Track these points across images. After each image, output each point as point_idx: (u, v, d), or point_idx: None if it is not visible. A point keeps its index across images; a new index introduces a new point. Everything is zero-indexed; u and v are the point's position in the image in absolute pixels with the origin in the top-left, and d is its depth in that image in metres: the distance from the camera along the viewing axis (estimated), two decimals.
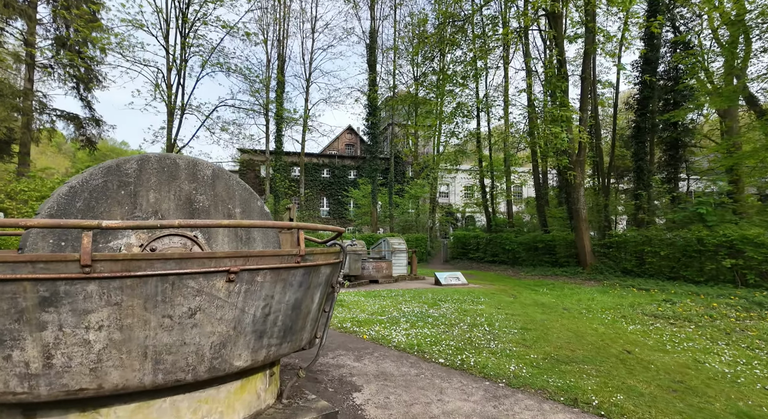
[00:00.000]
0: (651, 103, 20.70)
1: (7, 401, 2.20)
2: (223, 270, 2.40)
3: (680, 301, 9.78)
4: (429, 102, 34.17)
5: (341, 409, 3.52)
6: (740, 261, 12.92)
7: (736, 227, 14.00)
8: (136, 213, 2.73)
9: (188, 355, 2.44)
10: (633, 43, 17.66)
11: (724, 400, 3.78)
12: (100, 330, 2.20)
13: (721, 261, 13.32)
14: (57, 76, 30.28)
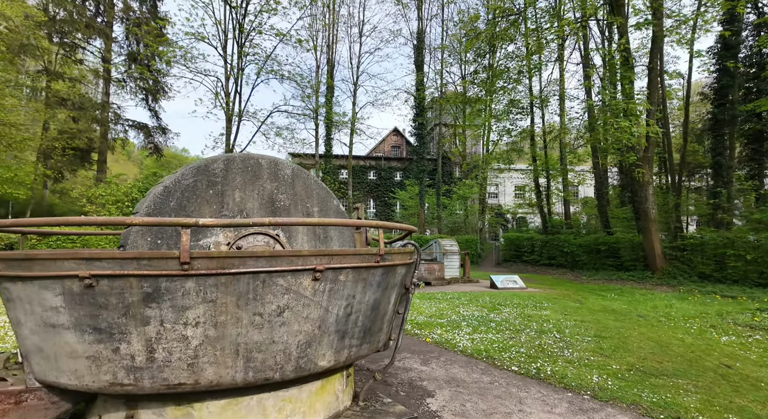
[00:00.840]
0: (731, 93, 18.88)
1: (115, 392, 2.29)
2: (310, 268, 2.36)
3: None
4: (478, 100, 33.48)
5: (417, 415, 3.40)
6: None
7: None
8: (224, 212, 2.78)
9: (276, 354, 2.43)
10: (710, 27, 16.12)
11: None
12: (196, 326, 2.23)
13: None
14: (129, 89, 32.77)
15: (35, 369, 2.49)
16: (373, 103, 63.03)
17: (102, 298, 2.18)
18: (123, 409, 2.63)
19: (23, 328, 2.44)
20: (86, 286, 2.16)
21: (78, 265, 2.15)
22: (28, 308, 2.34)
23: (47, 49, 30.70)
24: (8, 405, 2.46)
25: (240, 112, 29.82)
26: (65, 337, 2.28)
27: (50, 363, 2.38)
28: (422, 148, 39.71)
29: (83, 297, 2.20)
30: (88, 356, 2.27)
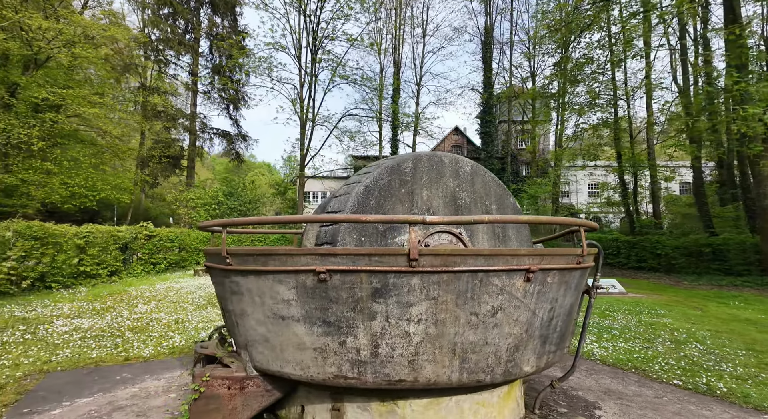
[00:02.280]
0: None
1: (338, 384, 2.39)
2: (523, 268, 2.32)
3: None
4: (551, 95, 31.97)
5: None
6: None
7: None
8: (414, 210, 2.83)
9: (489, 356, 2.41)
10: None
11: None
12: (418, 323, 2.27)
13: None
14: (213, 99, 35.28)
15: (257, 357, 2.68)
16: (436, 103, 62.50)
17: (333, 292, 2.29)
18: (328, 401, 2.76)
19: (248, 319, 2.64)
20: (320, 281, 2.28)
21: (314, 261, 2.28)
22: (258, 300, 2.53)
23: (146, 67, 34.07)
24: (235, 391, 2.68)
25: (314, 117, 30.98)
26: (294, 329, 2.42)
27: (275, 353, 2.55)
28: (490, 147, 38.69)
29: (315, 291, 2.32)
30: (315, 348, 2.40)
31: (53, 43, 20.76)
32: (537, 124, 37.63)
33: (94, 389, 4.19)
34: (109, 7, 26.63)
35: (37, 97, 21.03)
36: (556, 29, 20.50)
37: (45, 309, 8.79)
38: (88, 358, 5.22)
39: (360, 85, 32.87)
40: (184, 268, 20.97)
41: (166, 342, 6.02)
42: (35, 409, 3.68)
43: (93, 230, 14.34)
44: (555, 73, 25.00)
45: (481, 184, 3.01)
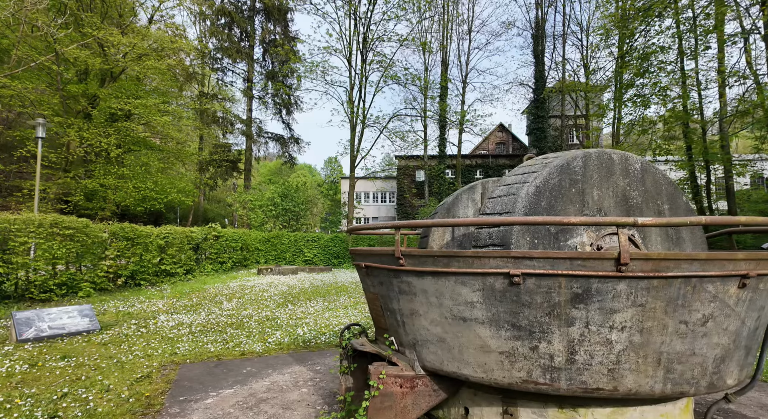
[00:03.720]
0: None
1: (527, 389, 2.32)
2: (740, 274, 2.15)
3: None
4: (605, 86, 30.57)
5: None
6: None
7: None
8: (585, 211, 2.73)
9: (694, 367, 2.26)
10: None
11: None
12: (622, 331, 2.16)
13: None
14: (267, 104, 36.48)
15: (427, 357, 2.68)
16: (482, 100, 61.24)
17: (526, 296, 2.23)
18: (497, 404, 2.71)
19: (420, 319, 2.64)
20: (511, 284, 2.23)
21: (506, 263, 2.23)
22: (435, 301, 2.52)
23: (204, 75, 35.84)
24: (406, 389, 2.69)
25: (364, 118, 31.30)
26: (477, 331, 2.39)
27: (452, 353, 2.54)
28: (542, 143, 37.41)
29: (505, 295, 2.28)
30: (501, 351, 2.36)
31: (128, 57, 22.27)
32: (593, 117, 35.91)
33: (229, 381, 4.40)
34: (171, 20, 28.19)
35: (113, 107, 22.65)
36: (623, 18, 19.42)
37: (142, 305, 9.42)
38: (208, 352, 5.50)
39: (408, 84, 32.87)
40: (247, 267, 21.83)
41: (270, 339, 6.25)
42: (189, 397, 3.92)
43: (171, 231, 15.24)
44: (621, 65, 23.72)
45: (651, 182, 2.85)
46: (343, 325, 7.31)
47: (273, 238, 24.04)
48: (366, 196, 47.41)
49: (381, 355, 2.92)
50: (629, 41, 22.74)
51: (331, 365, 5.03)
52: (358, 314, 8.40)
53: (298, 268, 19.13)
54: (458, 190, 4.08)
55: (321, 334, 6.60)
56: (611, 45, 27.45)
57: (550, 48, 39.28)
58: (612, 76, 29.11)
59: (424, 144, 36.69)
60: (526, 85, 41.29)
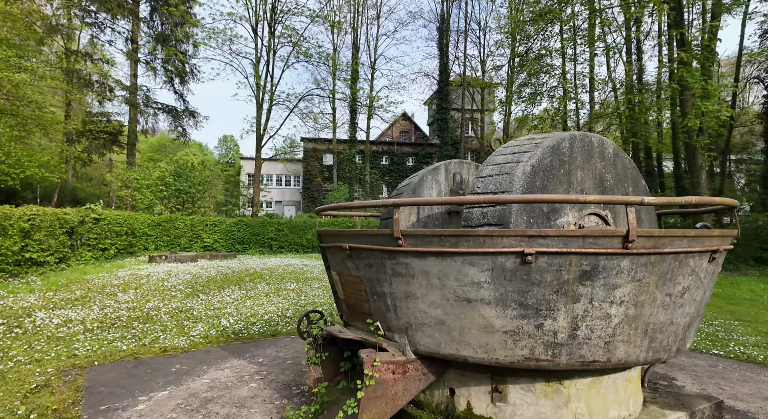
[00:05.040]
0: None
1: (527, 366, 2.34)
2: (712, 249, 2.39)
3: None
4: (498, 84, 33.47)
5: None
6: None
7: None
8: (570, 191, 2.80)
9: (670, 335, 2.48)
10: None
11: None
12: (620, 305, 2.27)
13: None
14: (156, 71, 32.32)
15: (421, 341, 2.55)
16: (390, 87, 62.48)
17: (537, 275, 2.21)
18: (486, 383, 2.70)
19: (416, 302, 2.49)
20: (523, 262, 2.19)
21: (520, 242, 2.18)
22: (437, 283, 2.38)
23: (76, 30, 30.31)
24: (398, 375, 2.54)
25: (272, 95, 29.55)
26: (482, 312, 2.32)
27: (451, 335, 2.44)
28: (445, 133, 39.46)
29: (515, 274, 2.23)
30: (506, 331, 2.32)
31: None
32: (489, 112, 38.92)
33: (159, 382, 3.78)
34: None
35: None
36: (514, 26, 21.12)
37: (6, 301, 7.72)
38: (119, 351, 4.67)
39: (319, 64, 31.82)
40: (134, 254, 19.45)
41: (193, 332, 5.55)
42: (113, 405, 3.25)
43: (38, 212, 12.76)
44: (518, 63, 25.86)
45: (621, 165, 3.05)
46: (273, 313, 6.84)
47: (165, 222, 21.64)
48: (269, 178, 45.27)
49: (368, 342, 2.71)
50: (526, 43, 24.84)
51: (275, 356, 4.63)
52: (284, 301, 7.94)
53: (198, 255, 17.52)
54: (421, 171, 3.98)
55: (251, 324, 6.07)
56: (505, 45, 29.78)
57: (454, 42, 41.21)
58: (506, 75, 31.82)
59: (333, 127, 36.09)
60: (431, 76, 42.94)
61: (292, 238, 23.41)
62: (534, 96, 24.48)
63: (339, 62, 35.29)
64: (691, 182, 18.48)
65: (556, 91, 25.16)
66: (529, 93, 24.51)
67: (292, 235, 23.43)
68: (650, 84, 20.56)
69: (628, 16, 17.85)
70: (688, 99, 15.52)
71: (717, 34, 14.74)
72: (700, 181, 17.38)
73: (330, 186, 36.90)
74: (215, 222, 22.91)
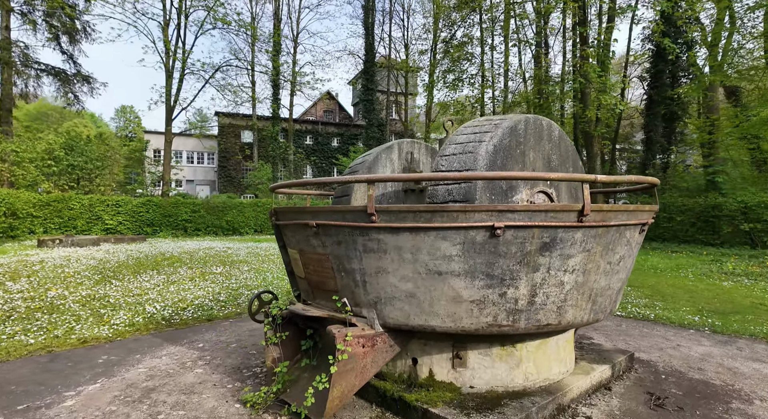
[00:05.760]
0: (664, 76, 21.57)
1: (489, 332, 2.53)
2: (642, 222, 2.74)
3: (727, 260, 10.90)
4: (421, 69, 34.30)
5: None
6: (757, 224, 14.23)
7: (753, 193, 15.33)
8: (524, 171, 2.98)
9: (606, 299, 2.82)
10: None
11: None
12: (572, 273, 2.53)
13: (739, 224, 14.63)
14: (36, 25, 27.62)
15: (390, 314, 2.60)
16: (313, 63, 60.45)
17: (503, 247, 2.36)
18: (448, 351, 2.85)
19: (387, 277, 2.52)
20: (492, 236, 2.33)
21: (490, 217, 2.31)
22: (409, 257, 2.43)
23: None
24: (368, 349, 2.57)
25: (184, 63, 26.95)
26: (452, 283, 2.43)
27: (421, 307, 2.52)
28: (372, 115, 39.50)
29: (484, 247, 2.36)
30: (473, 300, 2.46)
31: None
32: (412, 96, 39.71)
33: (86, 375, 3.39)
34: None
35: None
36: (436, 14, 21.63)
37: None
38: (25, 345, 4.09)
39: (239, 32, 29.63)
40: (16, 238, 17.05)
41: (115, 320, 5.03)
42: (33, 404, 2.86)
43: None
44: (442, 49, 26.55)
45: (564, 147, 3.32)
46: (203, 297, 6.45)
47: (56, 202, 19.07)
48: (179, 155, 41.76)
49: (335, 318, 2.69)
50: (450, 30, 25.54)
51: (217, 341, 4.40)
52: (213, 285, 7.51)
53: (101, 239, 15.75)
54: (375, 149, 3.97)
55: (182, 310, 5.66)
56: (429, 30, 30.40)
57: (380, 22, 41.00)
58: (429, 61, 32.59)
59: (253, 101, 34.14)
60: (356, 55, 42.38)
61: (210, 220, 21.97)
62: (455, 82, 25.42)
63: (260, 32, 33.17)
64: (589, 167, 20.81)
65: (476, 79, 26.42)
66: (452, 79, 25.34)
67: (210, 217, 21.98)
68: (557, 76, 22.52)
69: (538, 7, 19.25)
70: (588, 92, 17.32)
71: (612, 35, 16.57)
72: (595, 167, 19.65)
73: (251, 165, 35.04)
74: (119, 203, 20.68)
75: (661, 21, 19.23)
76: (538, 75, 19.98)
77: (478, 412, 2.55)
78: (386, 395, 2.86)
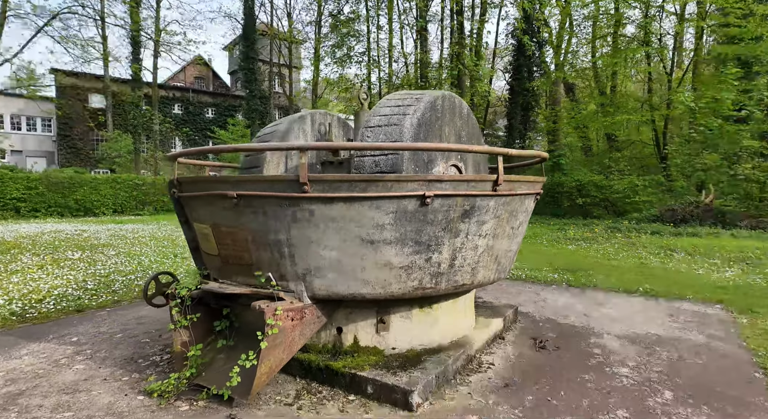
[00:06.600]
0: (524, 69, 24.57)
1: (415, 295, 2.71)
2: (536, 192, 3.16)
3: (568, 229, 13.19)
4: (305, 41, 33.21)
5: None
6: (587, 199, 17.49)
7: (584, 174, 18.72)
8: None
9: (508, 259, 3.21)
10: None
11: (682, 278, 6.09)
12: (485, 237, 2.82)
13: (575, 199, 17.79)
14: None
15: (319, 285, 2.58)
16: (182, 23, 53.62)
17: (432, 215, 2.51)
18: (372, 317, 2.96)
19: (317, 247, 2.50)
20: (422, 204, 2.46)
21: (421, 186, 2.42)
22: (339, 226, 2.44)
23: None
24: (296, 322, 2.53)
25: (5, 5, 21.40)
26: (383, 251, 2.51)
27: (352, 276, 2.55)
28: (253, 85, 36.92)
29: (415, 215, 2.48)
30: (402, 267, 2.57)
31: None
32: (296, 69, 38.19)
33: None
34: None
35: None
36: None
37: None
38: None
39: None
40: None
41: None
42: None
43: None
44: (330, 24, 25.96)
45: (472, 124, 3.58)
46: (65, 287, 5.48)
47: None
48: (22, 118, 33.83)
49: (260, 294, 2.55)
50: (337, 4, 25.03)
51: (96, 332, 3.81)
52: (75, 273, 6.41)
53: None
54: (286, 118, 3.78)
55: (37, 302, 4.72)
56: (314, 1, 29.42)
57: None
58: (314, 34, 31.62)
59: (104, 59, 28.96)
60: (233, 18, 38.84)
61: (52, 199, 18.33)
62: (344, 58, 25.24)
63: None
64: None
65: (363, 57, 26.57)
66: (340, 55, 25.07)
67: (52, 195, 18.33)
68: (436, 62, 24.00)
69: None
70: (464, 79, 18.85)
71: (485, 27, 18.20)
72: None
73: (105, 134, 29.95)
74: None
75: (522, 20, 21.78)
76: (423, 59, 20.97)
77: (402, 370, 2.72)
78: (311, 366, 2.85)
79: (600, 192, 17.36)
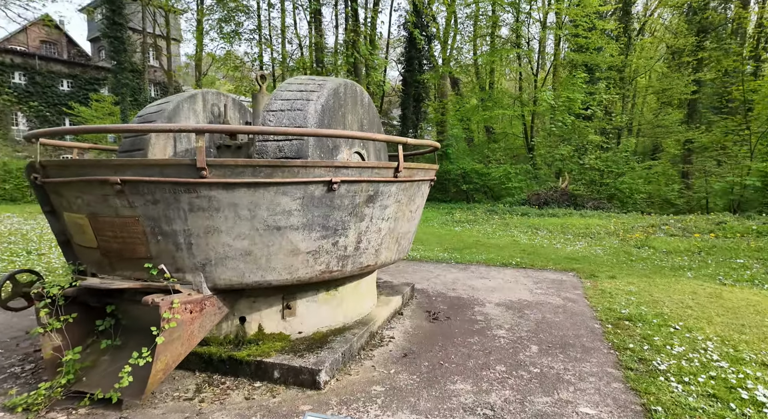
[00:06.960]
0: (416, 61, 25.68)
1: (322, 279, 2.80)
2: (430, 178, 3.43)
3: (455, 212, 14.39)
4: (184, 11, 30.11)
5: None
6: (470, 185, 19.23)
7: (467, 162, 20.50)
8: None
9: (407, 240, 3.44)
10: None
11: (545, 251, 7.15)
12: (387, 220, 3.00)
13: (460, 186, 19.42)
14: None
15: (223, 275, 2.49)
16: None
17: (338, 200, 2.59)
18: (278, 303, 2.95)
19: (221, 236, 2.40)
20: (329, 190, 2.52)
21: (328, 172, 2.47)
22: (246, 214, 2.37)
23: None
24: (196, 314, 2.42)
25: None
26: (290, 237, 2.51)
27: (258, 264, 2.50)
28: (122, 56, 32.17)
29: (322, 200, 2.53)
30: (309, 251, 2.61)
31: None
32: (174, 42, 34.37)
33: None
34: None
35: None
36: None
37: None
38: None
39: None
40: None
41: None
42: None
43: None
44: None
45: (372, 113, 3.67)
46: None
47: None
48: None
49: (152, 288, 2.36)
50: None
51: None
52: None
53: None
54: (173, 96, 3.46)
55: None
56: None
57: None
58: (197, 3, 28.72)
59: None
60: None
61: None
62: (232, 35, 23.46)
63: None
64: None
65: (254, 35, 24.99)
66: (227, 31, 23.23)
67: None
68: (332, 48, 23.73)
69: None
70: (360, 67, 19.04)
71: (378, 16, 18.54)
72: None
73: None
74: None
75: (413, 13, 22.65)
76: (318, 43, 20.54)
77: (309, 352, 2.78)
78: (212, 358, 2.75)
79: (480, 179, 19.21)
